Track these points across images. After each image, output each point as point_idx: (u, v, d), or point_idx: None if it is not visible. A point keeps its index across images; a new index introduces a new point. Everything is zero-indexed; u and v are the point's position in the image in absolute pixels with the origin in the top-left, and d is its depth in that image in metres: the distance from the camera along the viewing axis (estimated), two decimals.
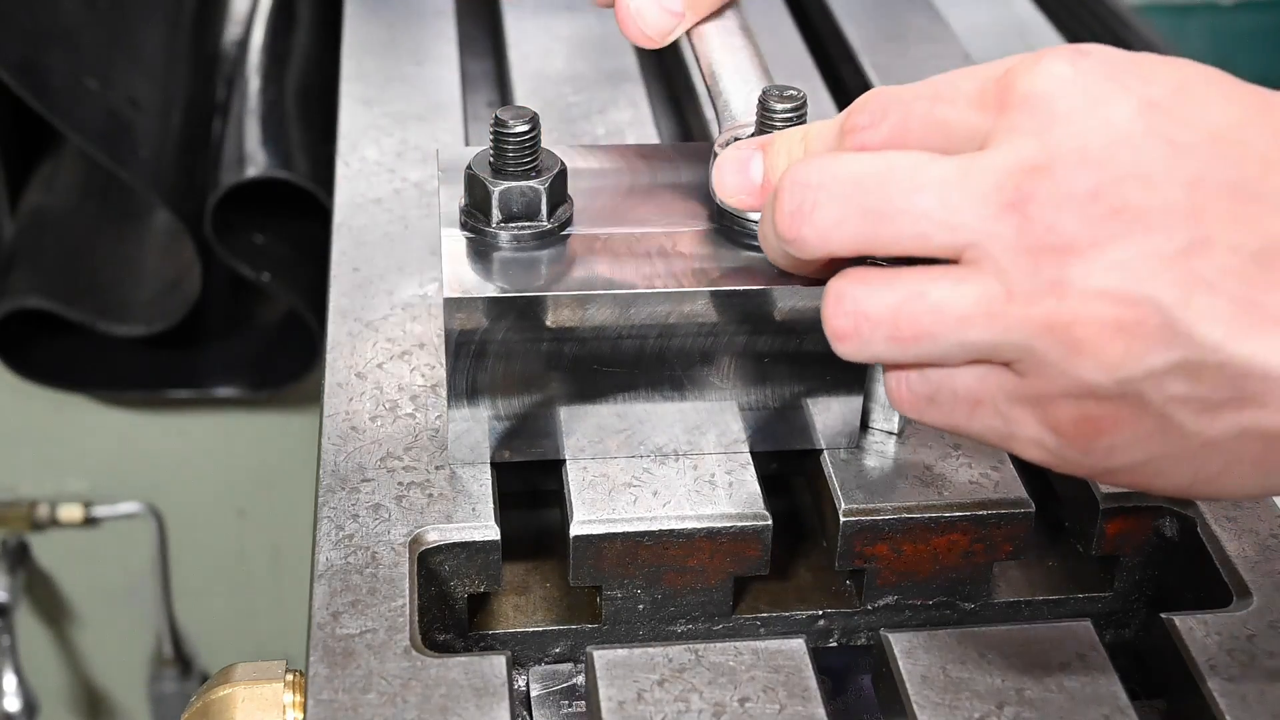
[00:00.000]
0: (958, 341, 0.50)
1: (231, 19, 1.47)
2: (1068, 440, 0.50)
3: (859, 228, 0.51)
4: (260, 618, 1.64)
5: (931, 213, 0.49)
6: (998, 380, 0.50)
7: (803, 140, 0.57)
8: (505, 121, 0.63)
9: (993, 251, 0.48)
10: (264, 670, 0.60)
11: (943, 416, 0.53)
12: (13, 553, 1.55)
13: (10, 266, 1.38)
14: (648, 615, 0.65)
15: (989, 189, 0.48)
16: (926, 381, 0.52)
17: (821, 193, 0.51)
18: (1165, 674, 0.62)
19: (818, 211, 0.51)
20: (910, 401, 0.53)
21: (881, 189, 0.50)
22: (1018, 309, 0.48)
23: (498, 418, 0.65)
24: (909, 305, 0.50)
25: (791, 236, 0.52)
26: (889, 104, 0.53)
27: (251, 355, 1.49)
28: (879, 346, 0.51)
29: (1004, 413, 0.51)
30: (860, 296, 0.51)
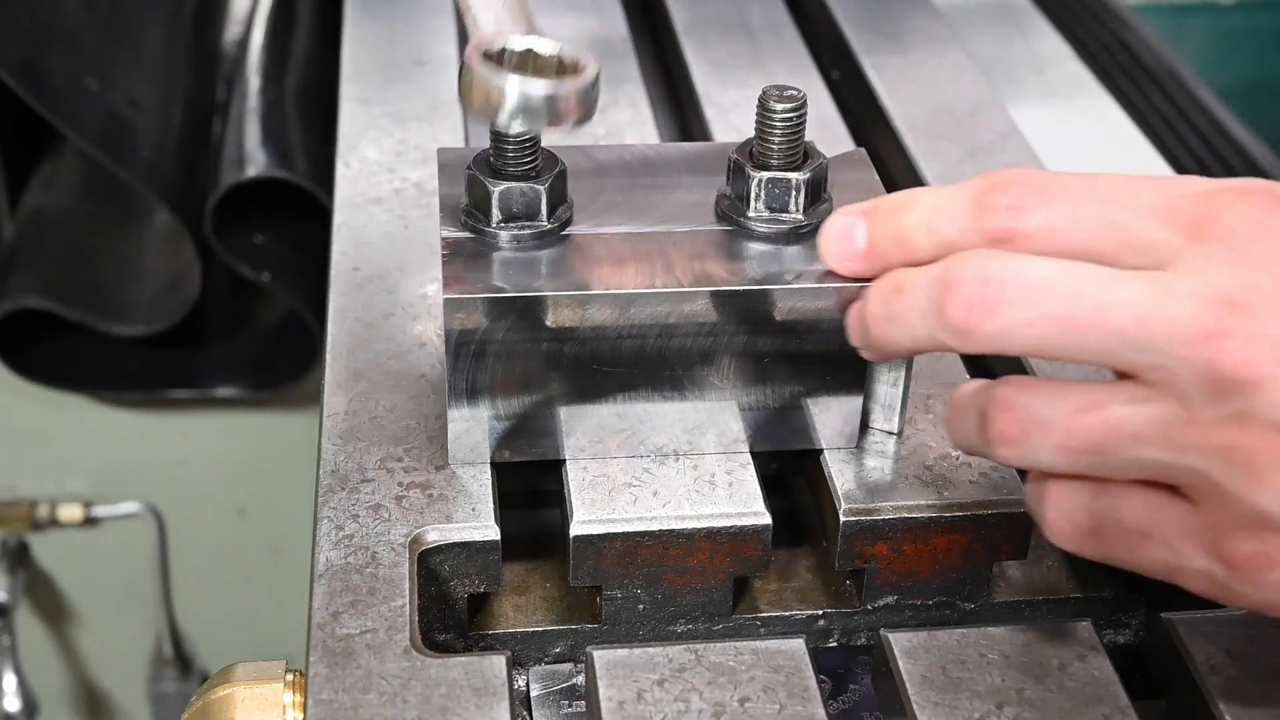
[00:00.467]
0: (1131, 458, 0.50)
1: (231, 19, 1.47)
2: (1240, 574, 0.50)
3: (1045, 332, 0.50)
4: (260, 618, 1.64)
5: (1125, 331, 0.49)
6: (1169, 512, 0.51)
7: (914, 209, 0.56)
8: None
9: (1179, 377, 0.49)
10: (264, 670, 0.60)
11: (1106, 549, 0.53)
12: (13, 553, 1.55)
13: (10, 266, 1.38)
14: (648, 615, 0.65)
15: (1185, 316, 0.48)
16: (1091, 514, 0.52)
17: (1008, 291, 0.51)
18: (1165, 674, 0.62)
19: (1004, 309, 0.51)
20: (1071, 534, 0.53)
21: (1074, 299, 0.50)
22: (1198, 434, 0.48)
23: (498, 418, 0.65)
24: (1084, 417, 0.50)
25: (966, 328, 0.52)
26: (1049, 191, 0.53)
27: (251, 355, 1.49)
28: (1046, 455, 0.51)
29: (1174, 545, 0.51)
30: (1032, 403, 0.51)
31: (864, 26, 1.08)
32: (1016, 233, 0.52)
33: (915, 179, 0.89)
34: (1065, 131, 1.10)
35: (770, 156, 0.65)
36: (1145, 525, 0.51)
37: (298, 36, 1.40)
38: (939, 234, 0.55)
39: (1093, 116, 1.14)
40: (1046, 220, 0.52)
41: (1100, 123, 1.13)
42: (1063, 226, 0.52)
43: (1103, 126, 1.13)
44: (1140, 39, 1.30)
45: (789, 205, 0.65)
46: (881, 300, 0.56)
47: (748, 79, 1.00)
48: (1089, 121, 1.13)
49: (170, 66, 1.38)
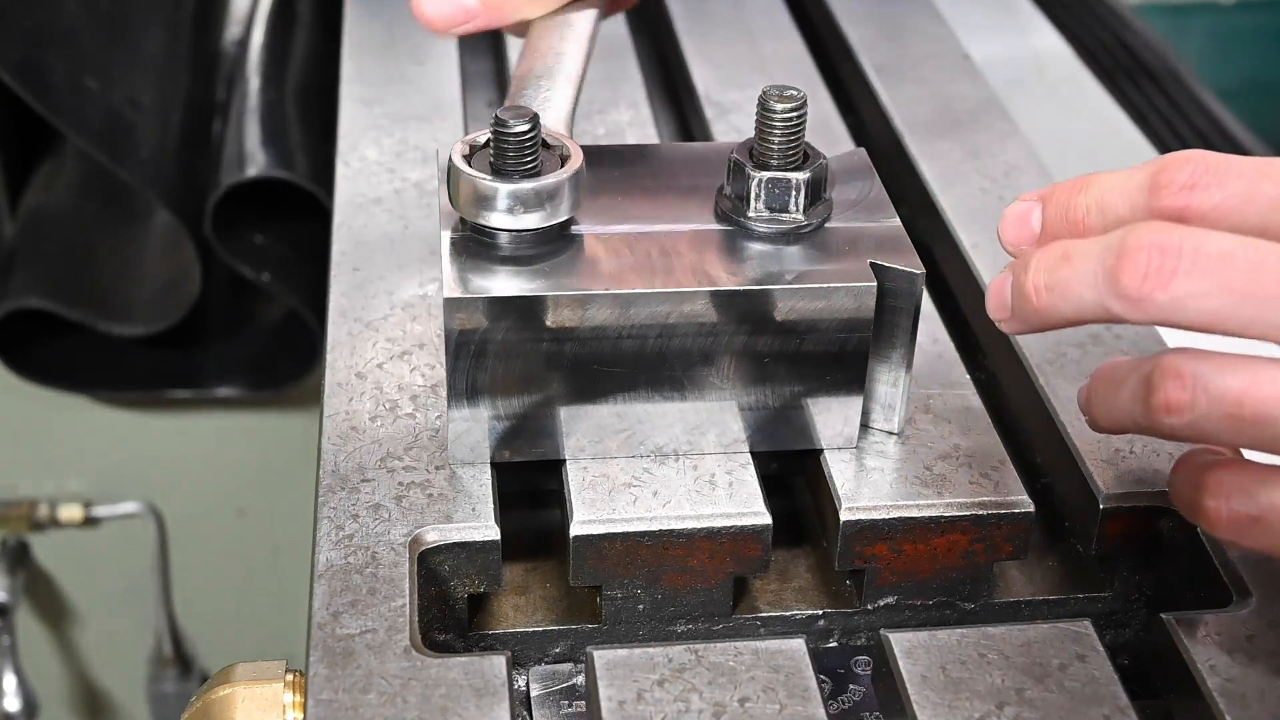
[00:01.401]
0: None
1: (231, 19, 1.47)
2: None
3: (1222, 304, 0.50)
4: (260, 618, 1.64)
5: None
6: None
7: (1088, 190, 0.56)
8: (505, 121, 0.63)
9: None
10: (264, 670, 0.60)
11: (1270, 539, 0.52)
12: (13, 553, 1.55)
13: (10, 266, 1.38)
14: (648, 615, 0.65)
15: None
16: (1256, 502, 0.52)
17: (1186, 260, 0.51)
18: (1165, 674, 0.62)
19: (1180, 279, 0.50)
20: (1230, 522, 0.53)
21: (1256, 273, 0.50)
22: None
23: (498, 418, 0.65)
24: (1258, 387, 0.50)
25: (1140, 295, 0.51)
26: (1224, 171, 0.52)
27: (251, 355, 1.49)
28: (1214, 424, 0.51)
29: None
30: (1204, 372, 0.51)
31: (864, 26, 1.08)
32: (1191, 211, 0.52)
33: (915, 179, 0.89)
34: (1065, 131, 1.10)
35: (770, 156, 0.65)
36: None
37: (298, 36, 1.40)
38: (1112, 212, 0.55)
39: (1093, 116, 1.14)
40: (1222, 199, 0.52)
41: (1100, 123, 1.13)
42: (1237, 205, 0.51)
43: (1103, 126, 1.13)
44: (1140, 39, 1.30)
45: (789, 205, 0.65)
46: (1047, 268, 0.55)
47: (748, 79, 1.00)
48: (1089, 121, 1.13)
49: (170, 66, 1.38)
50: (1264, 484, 0.53)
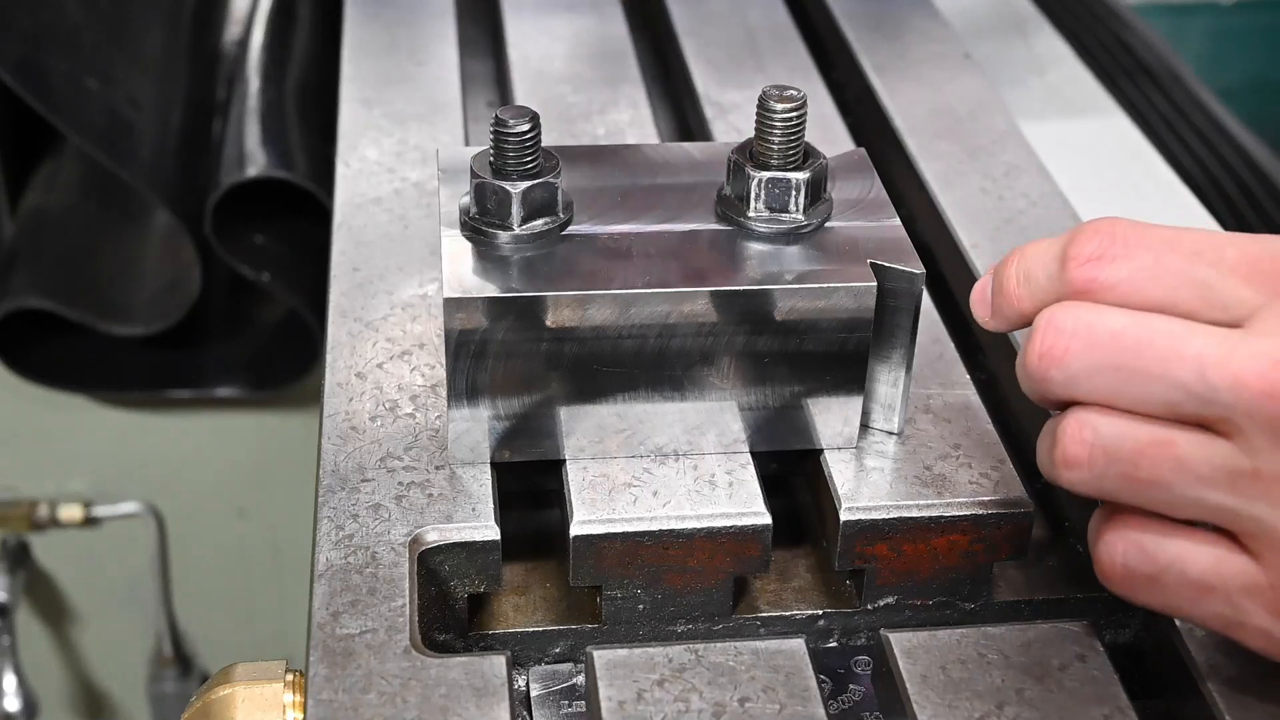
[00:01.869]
0: (1195, 498, 0.50)
1: (231, 19, 1.47)
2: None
3: (1109, 381, 0.51)
4: (260, 618, 1.64)
5: (1189, 384, 0.50)
6: (1234, 567, 0.51)
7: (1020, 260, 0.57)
8: (505, 121, 0.63)
9: (1246, 431, 0.49)
10: (264, 670, 0.60)
11: (1163, 598, 0.53)
12: (13, 553, 1.55)
13: (10, 266, 1.38)
14: (648, 615, 0.65)
15: (1253, 374, 0.49)
16: (1151, 561, 0.52)
17: (1075, 340, 0.52)
18: (1165, 674, 0.62)
19: (1069, 358, 0.52)
20: (1124, 578, 0.53)
21: (1140, 351, 0.51)
22: (1263, 486, 0.49)
23: (498, 418, 0.65)
24: (1154, 450, 0.51)
25: (1039, 377, 0.53)
26: (1133, 244, 0.53)
27: (251, 355, 1.49)
28: (1109, 482, 0.52)
29: (1235, 602, 0.51)
30: (1104, 430, 0.52)
31: (864, 26, 1.08)
32: (1097, 284, 0.53)
33: (915, 179, 0.89)
34: (1066, 132, 1.10)
35: (770, 156, 0.65)
36: (1209, 578, 0.52)
37: (298, 36, 1.40)
38: (1033, 283, 0.56)
39: (1093, 117, 1.14)
40: (1128, 273, 0.53)
41: (1101, 123, 1.13)
42: (1143, 280, 0.52)
43: (1103, 127, 1.13)
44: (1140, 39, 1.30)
45: (789, 205, 0.65)
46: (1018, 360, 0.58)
47: (748, 79, 1.00)
48: (1089, 122, 1.13)
49: (170, 66, 1.38)
50: (1162, 544, 0.53)
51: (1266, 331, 0.50)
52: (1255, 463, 0.49)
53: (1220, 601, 0.52)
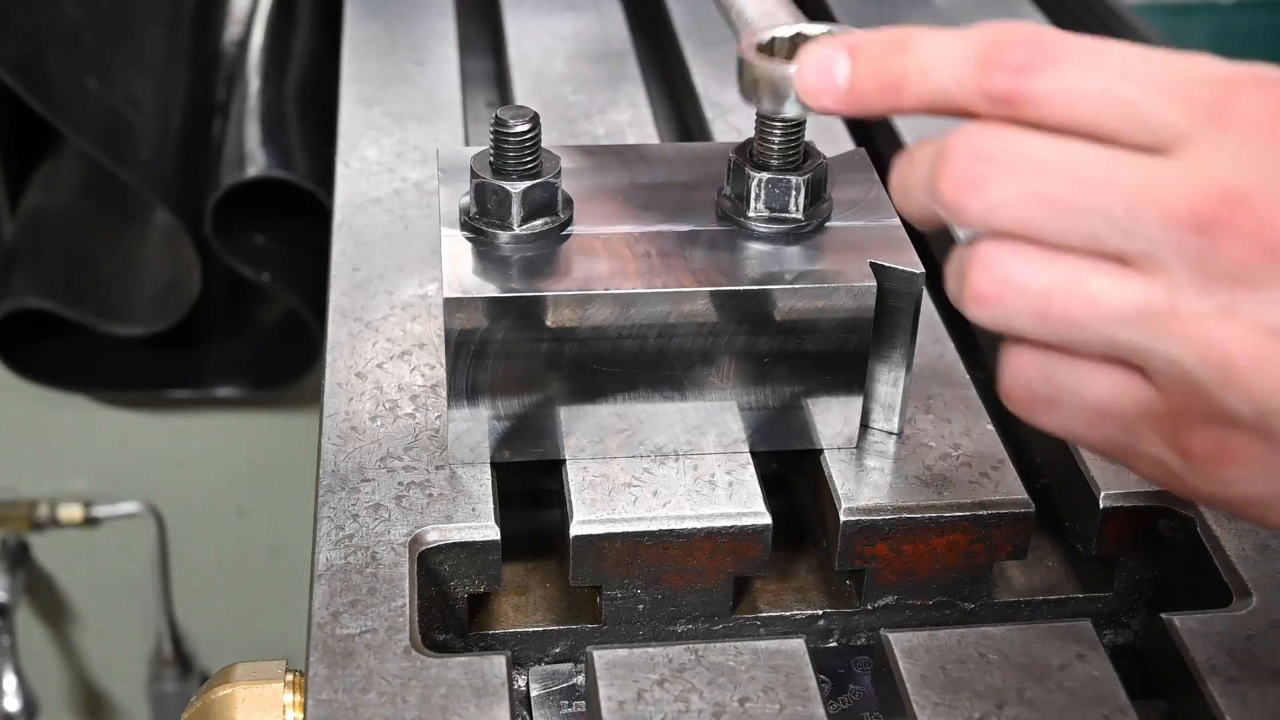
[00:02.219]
0: (1107, 338, 0.48)
1: (231, 19, 1.47)
2: (1194, 465, 0.49)
3: (1030, 212, 0.49)
4: (260, 618, 1.64)
5: (1114, 217, 0.48)
6: (1134, 395, 0.49)
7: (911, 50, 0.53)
8: (505, 121, 0.63)
9: (1168, 266, 0.47)
10: (264, 670, 0.60)
11: (1061, 421, 0.51)
12: (13, 553, 1.55)
13: (10, 266, 1.38)
14: (648, 615, 0.65)
15: (1182, 206, 0.47)
16: (1052, 384, 0.51)
17: (998, 168, 0.49)
18: (1165, 674, 0.62)
19: (991, 186, 0.49)
20: (1025, 401, 0.51)
21: (1065, 180, 0.48)
22: (1179, 324, 0.47)
23: (498, 418, 0.65)
24: (1067, 288, 0.48)
25: (953, 203, 0.50)
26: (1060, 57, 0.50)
27: (251, 355, 1.49)
28: (1020, 320, 0.49)
29: (1131, 428, 0.50)
30: (1015, 266, 0.49)
31: (864, 26, 1.08)
32: (1019, 95, 0.49)
33: None
34: None
35: (770, 157, 0.65)
36: (1107, 404, 0.50)
37: (298, 36, 1.40)
38: (933, 84, 0.52)
39: None
40: (1053, 87, 0.49)
41: None
42: (1068, 96, 0.49)
43: None
44: (1140, 39, 1.30)
45: (789, 205, 0.65)
46: (898, 170, 0.54)
47: None
48: None
49: (170, 66, 1.38)
50: (1063, 369, 0.51)
51: (1198, 162, 0.47)
52: (1173, 300, 0.47)
53: (1116, 427, 0.50)
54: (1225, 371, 0.47)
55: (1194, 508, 0.66)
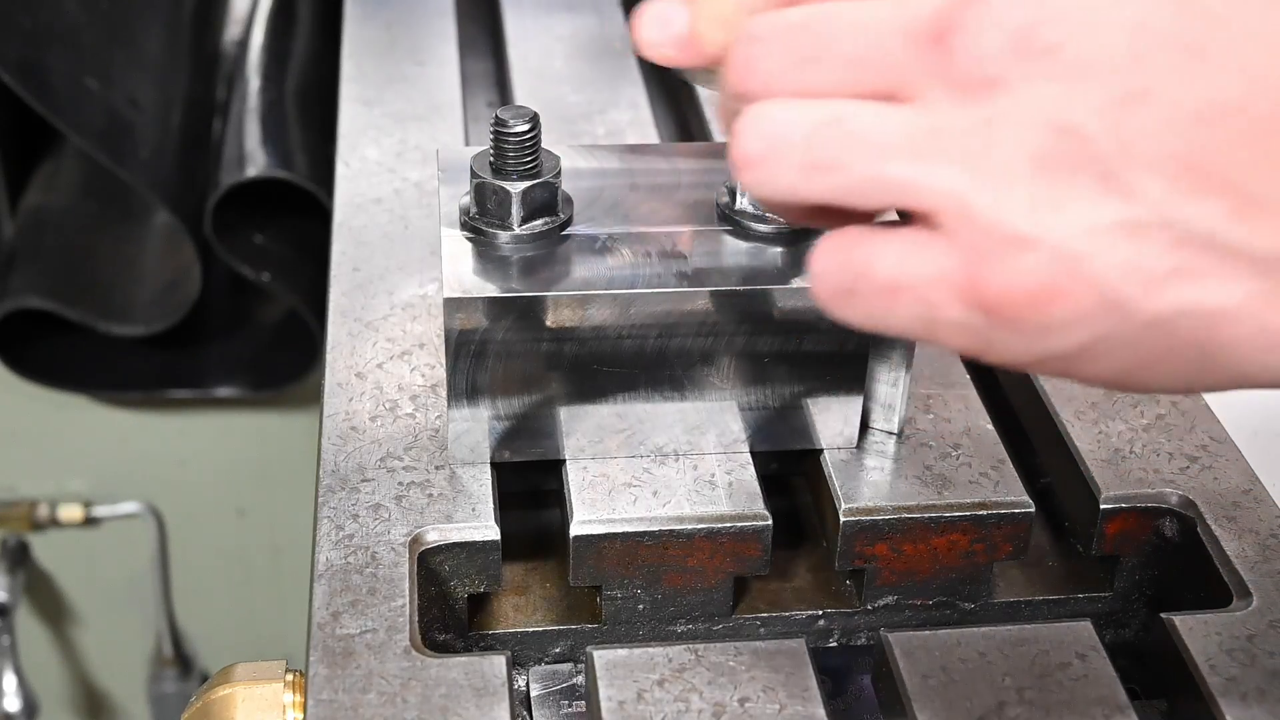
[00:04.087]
0: (874, 174, 0.46)
1: (231, 19, 1.47)
2: (997, 316, 0.46)
3: (798, 75, 0.48)
4: (260, 618, 1.64)
5: (863, 52, 0.47)
6: (922, 256, 0.47)
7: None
8: (505, 121, 0.63)
9: (919, 86, 0.46)
10: (264, 670, 0.60)
11: (865, 309, 0.49)
12: (13, 553, 1.56)
13: (10, 266, 1.39)
14: (648, 615, 0.65)
15: (921, 22, 0.46)
16: (845, 269, 0.48)
17: (763, 44, 0.49)
18: (1165, 674, 0.62)
19: (762, 62, 0.49)
20: (830, 294, 0.49)
21: (818, 32, 0.48)
22: (943, 141, 0.45)
23: (498, 418, 0.65)
24: (828, 128, 0.47)
25: (740, 90, 0.49)
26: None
27: (251, 355, 1.49)
28: (790, 174, 0.48)
29: (927, 295, 0.47)
30: (779, 116, 0.48)
31: None
32: None
33: None
34: None
35: None
36: (897, 275, 0.47)
37: (298, 36, 1.40)
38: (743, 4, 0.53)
39: None
40: None
41: None
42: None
43: None
44: None
45: None
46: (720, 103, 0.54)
47: None
48: None
49: (170, 66, 1.38)
50: (854, 249, 0.49)
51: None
52: (933, 119, 0.46)
53: (912, 300, 0.47)
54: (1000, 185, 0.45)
55: (1194, 508, 0.66)
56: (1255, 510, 0.66)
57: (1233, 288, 0.44)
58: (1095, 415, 0.71)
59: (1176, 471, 0.68)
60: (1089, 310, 0.45)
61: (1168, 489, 0.67)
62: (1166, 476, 0.67)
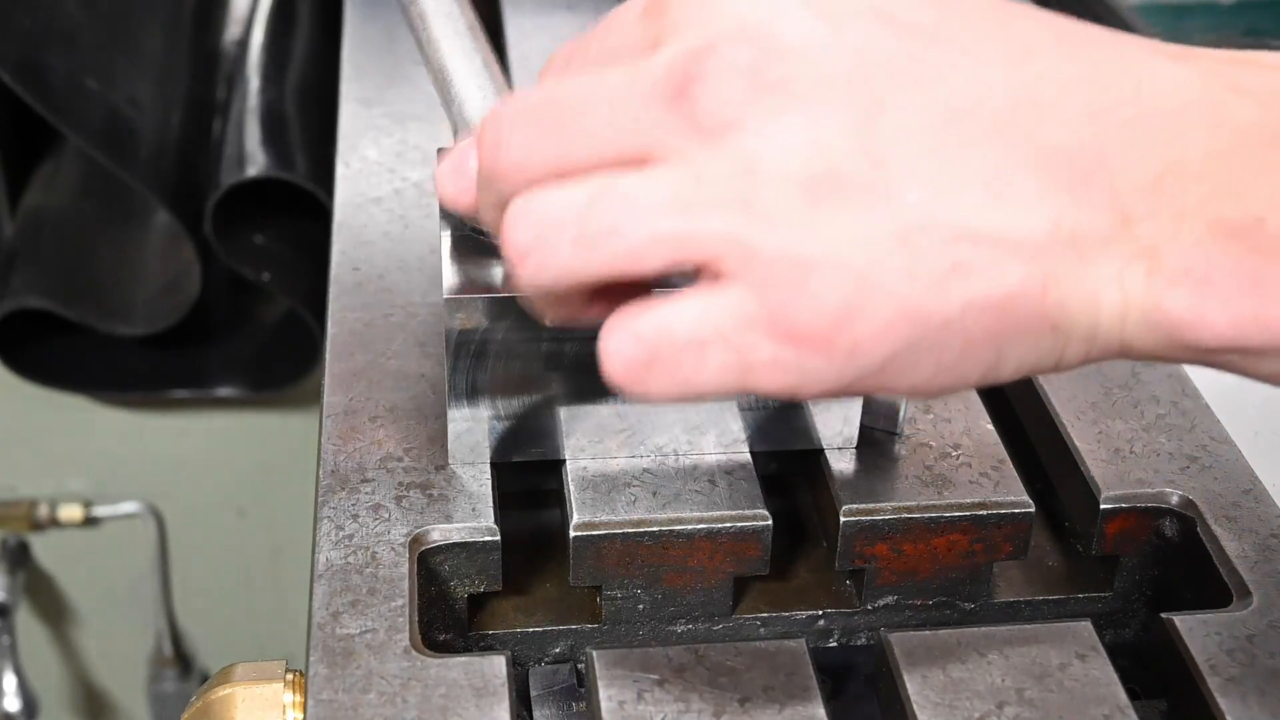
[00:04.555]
0: (651, 234, 0.46)
1: (231, 19, 1.47)
2: (805, 345, 0.46)
3: (548, 151, 0.48)
4: (260, 618, 1.64)
5: (609, 119, 0.48)
6: (721, 303, 0.46)
7: None
8: None
9: (672, 143, 0.46)
10: (264, 670, 0.60)
11: (669, 375, 0.48)
12: (13, 553, 1.56)
13: (10, 266, 1.39)
14: (648, 615, 0.65)
15: (657, 82, 0.47)
16: (640, 339, 0.48)
17: (509, 123, 0.49)
18: (1165, 674, 0.62)
19: (512, 140, 0.49)
20: (627, 372, 0.48)
21: (562, 106, 0.49)
22: (707, 191, 0.46)
23: (498, 418, 0.65)
24: (598, 201, 0.47)
25: (492, 169, 0.50)
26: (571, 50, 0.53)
27: (251, 355, 1.49)
28: (566, 253, 0.47)
29: (733, 341, 0.46)
30: (545, 202, 0.48)
31: None
32: None
33: None
34: None
35: None
36: (699, 329, 0.46)
37: (298, 36, 1.40)
38: None
39: None
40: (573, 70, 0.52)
41: None
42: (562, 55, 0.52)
43: None
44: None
45: None
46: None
47: None
48: None
49: (170, 66, 1.38)
50: (644, 316, 0.48)
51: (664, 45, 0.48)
52: (693, 170, 0.46)
53: (721, 350, 0.47)
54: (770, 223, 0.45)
55: (1194, 508, 0.66)
56: (1255, 510, 0.66)
57: (1007, 275, 0.45)
58: (1095, 415, 0.71)
59: (1176, 471, 0.68)
60: (890, 320, 0.45)
61: (1168, 489, 0.67)
62: (1166, 476, 0.67)
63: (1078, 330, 0.46)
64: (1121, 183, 0.45)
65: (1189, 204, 0.45)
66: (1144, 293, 0.45)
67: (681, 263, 0.47)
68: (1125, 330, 0.46)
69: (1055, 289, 0.45)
